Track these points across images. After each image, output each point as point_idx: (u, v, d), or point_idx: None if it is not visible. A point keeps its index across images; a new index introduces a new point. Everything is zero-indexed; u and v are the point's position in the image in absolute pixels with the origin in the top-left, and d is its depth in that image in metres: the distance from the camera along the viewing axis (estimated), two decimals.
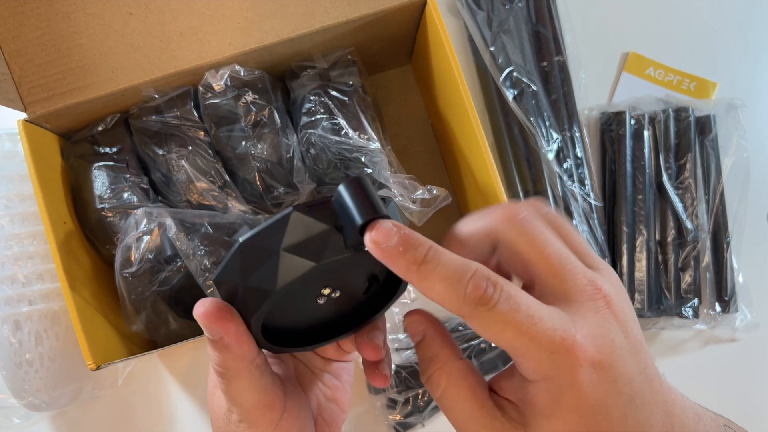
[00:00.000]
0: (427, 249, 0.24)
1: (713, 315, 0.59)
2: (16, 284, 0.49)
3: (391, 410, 0.57)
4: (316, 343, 0.30)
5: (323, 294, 0.28)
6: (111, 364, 0.44)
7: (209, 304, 0.26)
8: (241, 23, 0.45)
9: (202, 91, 0.47)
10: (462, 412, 0.26)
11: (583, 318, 0.24)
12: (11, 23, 0.44)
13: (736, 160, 0.62)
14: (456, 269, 0.23)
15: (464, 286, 0.23)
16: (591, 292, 0.25)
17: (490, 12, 0.61)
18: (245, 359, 0.27)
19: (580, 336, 0.24)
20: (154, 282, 0.45)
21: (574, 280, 0.25)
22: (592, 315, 0.25)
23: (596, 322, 0.24)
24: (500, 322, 0.23)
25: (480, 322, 0.23)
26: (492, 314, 0.23)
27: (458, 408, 0.26)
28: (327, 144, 0.47)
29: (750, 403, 0.59)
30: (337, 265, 0.25)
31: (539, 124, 0.59)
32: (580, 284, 0.25)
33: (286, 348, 0.29)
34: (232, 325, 0.26)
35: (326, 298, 0.28)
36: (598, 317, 0.25)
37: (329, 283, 0.27)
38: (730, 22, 0.65)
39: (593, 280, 0.25)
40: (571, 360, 0.23)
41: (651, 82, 0.64)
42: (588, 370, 0.23)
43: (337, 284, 0.28)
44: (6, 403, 0.54)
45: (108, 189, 0.47)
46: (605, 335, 0.24)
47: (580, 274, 0.25)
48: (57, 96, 0.45)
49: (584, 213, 0.59)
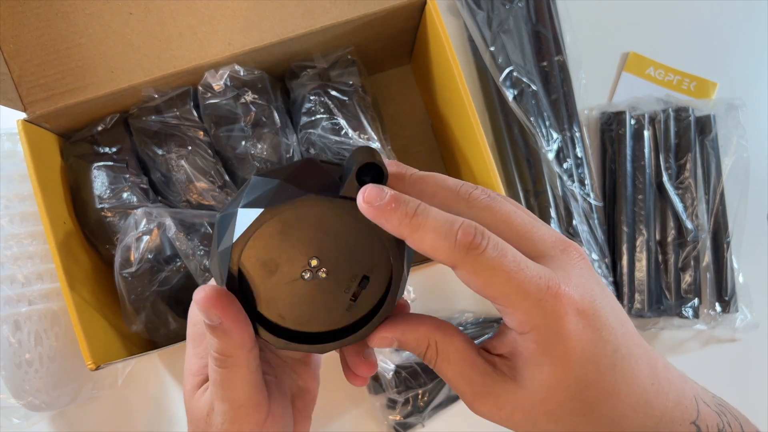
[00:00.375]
0: (417, 204, 0.25)
1: (713, 315, 0.59)
2: (16, 284, 0.49)
3: (391, 410, 0.57)
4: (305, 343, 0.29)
5: (311, 265, 0.27)
6: (110, 364, 0.44)
7: (209, 289, 0.26)
8: (240, 23, 0.45)
9: (202, 91, 0.47)
10: (456, 378, 0.27)
11: (563, 270, 0.25)
12: (11, 23, 0.44)
13: (736, 160, 0.62)
14: (446, 219, 0.25)
15: (454, 233, 0.24)
16: (563, 247, 0.26)
17: (490, 12, 0.61)
18: (244, 347, 0.27)
19: (564, 284, 0.24)
20: (154, 282, 0.45)
21: (543, 240, 0.26)
22: (569, 267, 0.26)
23: (575, 273, 0.26)
24: (489, 267, 0.24)
25: (470, 268, 0.24)
26: (482, 259, 0.24)
27: (452, 375, 0.27)
28: (327, 144, 0.47)
29: (750, 403, 0.59)
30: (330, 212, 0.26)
31: (539, 124, 0.59)
32: (549, 241, 0.26)
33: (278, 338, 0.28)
34: (232, 309, 0.26)
35: (312, 273, 0.27)
36: (576, 269, 0.26)
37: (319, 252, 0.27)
38: (730, 22, 0.65)
39: (560, 236, 0.27)
40: (558, 307, 0.24)
41: (651, 82, 0.64)
42: (574, 318, 0.24)
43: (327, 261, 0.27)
44: (6, 403, 0.54)
45: (107, 189, 0.47)
46: (585, 285, 0.25)
47: (546, 233, 0.27)
48: (56, 96, 0.45)
49: (584, 213, 0.59)
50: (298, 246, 0.27)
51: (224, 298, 0.26)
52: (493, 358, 0.27)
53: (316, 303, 0.28)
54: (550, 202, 0.58)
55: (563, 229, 0.58)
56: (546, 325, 0.24)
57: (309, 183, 0.26)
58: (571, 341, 0.24)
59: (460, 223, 0.24)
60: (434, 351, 0.27)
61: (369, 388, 0.58)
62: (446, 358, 0.27)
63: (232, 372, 0.28)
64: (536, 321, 0.24)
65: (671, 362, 0.29)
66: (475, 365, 0.27)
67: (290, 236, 0.26)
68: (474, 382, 0.26)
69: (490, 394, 0.26)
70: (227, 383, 0.28)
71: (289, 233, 0.26)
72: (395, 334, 0.28)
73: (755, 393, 0.59)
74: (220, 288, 0.26)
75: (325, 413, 0.59)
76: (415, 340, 0.27)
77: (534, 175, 0.59)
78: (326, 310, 0.28)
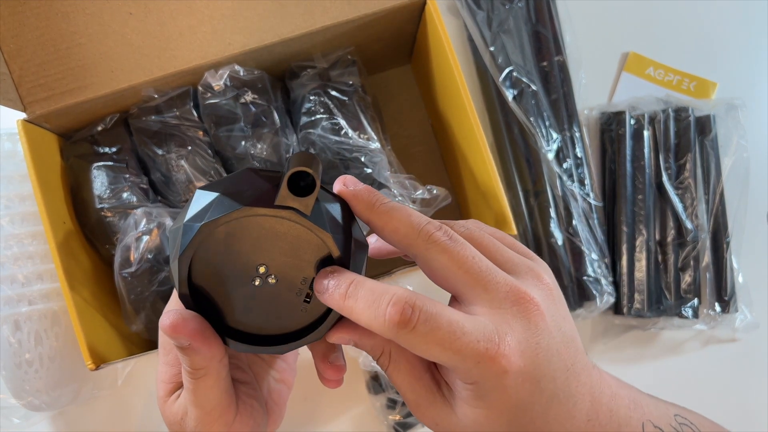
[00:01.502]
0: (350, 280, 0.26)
1: (713, 315, 0.59)
2: (16, 284, 0.49)
3: (391, 410, 0.57)
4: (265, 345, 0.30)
5: (258, 273, 0.28)
6: (110, 364, 0.44)
7: (173, 316, 0.27)
8: (240, 23, 0.45)
9: (202, 91, 0.47)
10: (405, 387, 0.28)
11: (508, 325, 0.26)
12: (11, 23, 0.44)
13: (736, 160, 0.62)
14: (375, 297, 0.25)
15: (384, 311, 0.25)
16: (514, 298, 0.26)
17: (490, 12, 0.61)
18: (214, 359, 0.28)
19: (503, 345, 0.25)
20: (154, 282, 0.45)
21: (496, 289, 0.26)
22: (516, 321, 0.26)
23: (521, 327, 0.26)
24: (423, 342, 0.24)
25: (405, 343, 0.25)
26: (414, 335, 0.24)
27: (401, 384, 0.28)
28: (327, 144, 0.47)
29: (750, 403, 0.59)
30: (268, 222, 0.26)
31: (539, 124, 0.59)
32: (502, 292, 0.26)
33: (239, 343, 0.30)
34: (198, 331, 0.27)
35: (261, 280, 0.28)
36: (523, 322, 0.26)
37: (265, 260, 0.28)
38: (730, 22, 0.65)
39: (515, 286, 0.26)
40: (496, 368, 0.25)
41: (651, 82, 0.64)
42: (513, 375, 0.25)
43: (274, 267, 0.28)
44: (6, 403, 0.54)
45: (107, 189, 0.47)
46: (529, 339, 0.26)
47: (501, 282, 0.26)
48: (56, 96, 0.45)
49: (584, 213, 0.59)
50: (242, 256, 0.27)
51: (189, 322, 0.27)
52: (440, 378, 0.28)
53: (271, 307, 0.29)
54: (549, 202, 0.58)
55: (563, 229, 0.58)
56: (484, 381, 0.25)
57: (246, 194, 0.26)
58: (507, 394, 0.25)
59: (389, 298, 0.25)
60: (387, 358, 0.28)
61: (369, 388, 0.58)
62: (397, 368, 0.28)
63: (203, 381, 0.29)
64: (475, 378, 0.25)
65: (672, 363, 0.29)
66: (422, 379, 0.28)
67: (233, 247, 0.27)
68: (419, 394, 0.28)
69: (431, 409, 0.28)
70: (199, 391, 0.29)
71: (231, 244, 0.27)
72: (353, 337, 0.28)
73: (755, 393, 0.59)
74: (184, 312, 0.27)
75: (325, 413, 0.59)
76: (371, 346, 0.28)
77: (534, 175, 0.59)
78: (282, 312, 0.29)
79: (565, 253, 0.58)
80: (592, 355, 0.60)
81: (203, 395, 0.30)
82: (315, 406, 0.59)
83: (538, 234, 0.59)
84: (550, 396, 0.26)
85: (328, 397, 0.59)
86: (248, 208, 0.26)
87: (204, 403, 0.30)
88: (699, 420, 0.32)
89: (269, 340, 0.30)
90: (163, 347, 0.32)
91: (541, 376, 0.26)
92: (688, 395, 0.29)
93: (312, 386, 0.59)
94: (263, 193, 0.26)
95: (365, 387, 0.58)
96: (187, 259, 0.27)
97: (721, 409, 0.30)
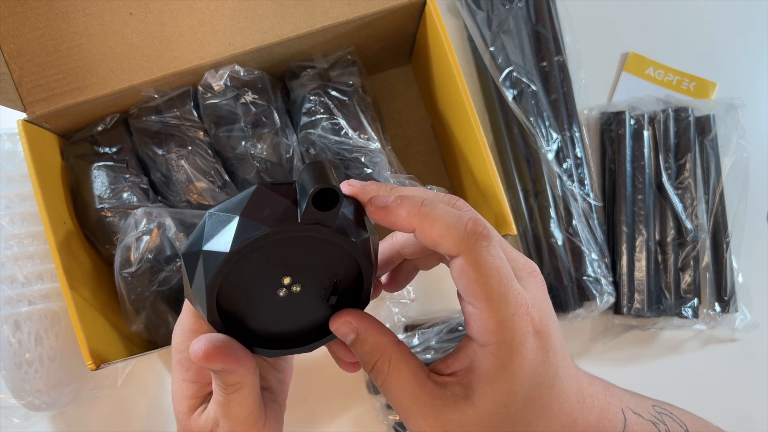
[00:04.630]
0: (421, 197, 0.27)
1: (713, 315, 0.59)
2: (16, 284, 0.49)
3: (391, 410, 0.57)
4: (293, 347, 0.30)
5: (284, 284, 0.28)
6: (111, 364, 0.44)
7: (205, 344, 0.27)
8: (241, 23, 0.45)
9: (202, 91, 0.47)
10: (405, 394, 0.28)
11: (528, 289, 0.27)
12: (11, 23, 0.44)
13: (736, 160, 0.62)
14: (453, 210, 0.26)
15: (464, 222, 0.26)
16: (530, 269, 0.28)
17: (490, 12, 0.61)
18: (249, 374, 0.29)
19: (530, 305, 0.26)
20: (154, 282, 0.45)
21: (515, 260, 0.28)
22: (533, 287, 0.28)
23: (538, 294, 0.27)
24: (489, 263, 0.25)
25: (472, 259, 0.25)
26: (486, 253, 0.25)
27: (401, 391, 0.28)
28: (327, 144, 0.47)
29: (750, 403, 0.59)
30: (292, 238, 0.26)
31: (539, 124, 0.59)
32: (520, 262, 0.28)
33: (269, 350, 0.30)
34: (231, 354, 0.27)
35: (287, 290, 0.28)
36: (538, 289, 0.28)
37: (289, 272, 0.28)
38: (730, 22, 0.65)
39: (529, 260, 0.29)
40: (523, 325, 0.25)
41: (651, 82, 0.64)
42: (533, 337, 0.26)
43: (298, 276, 0.28)
44: (6, 403, 0.54)
45: (108, 189, 0.47)
46: (544, 307, 0.27)
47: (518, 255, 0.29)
48: (57, 96, 0.45)
49: (584, 213, 0.59)
50: (267, 272, 0.27)
51: (221, 348, 0.27)
52: (443, 379, 0.28)
53: (295, 311, 0.29)
54: (549, 202, 0.58)
55: (563, 229, 0.58)
56: (509, 341, 0.25)
57: (267, 214, 0.26)
58: (525, 360, 0.26)
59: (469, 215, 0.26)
60: (387, 363, 0.28)
61: (369, 388, 0.58)
62: (398, 376, 0.28)
63: (238, 394, 0.29)
64: (503, 334, 0.25)
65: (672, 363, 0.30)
66: (426, 387, 0.28)
67: (259, 266, 0.27)
68: (422, 402, 0.27)
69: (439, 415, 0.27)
70: (232, 404, 0.29)
71: (257, 264, 0.27)
72: (360, 325, 0.28)
73: (755, 393, 0.59)
74: (213, 339, 0.27)
75: (325, 413, 0.59)
76: (373, 344, 0.28)
77: (534, 175, 0.59)
78: (306, 314, 0.30)
79: (565, 253, 0.58)
80: (592, 354, 0.60)
81: (237, 407, 0.30)
82: (315, 406, 0.59)
83: (538, 234, 0.59)
84: (554, 371, 0.27)
85: (328, 398, 0.59)
86: (275, 230, 0.25)
87: (238, 414, 0.30)
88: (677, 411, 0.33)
89: (295, 341, 0.30)
90: (181, 365, 0.32)
91: (550, 347, 0.27)
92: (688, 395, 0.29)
93: (312, 387, 0.59)
94: (284, 211, 0.26)
95: (365, 387, 0.58)
96: (215, 286, 0.26)
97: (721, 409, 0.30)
